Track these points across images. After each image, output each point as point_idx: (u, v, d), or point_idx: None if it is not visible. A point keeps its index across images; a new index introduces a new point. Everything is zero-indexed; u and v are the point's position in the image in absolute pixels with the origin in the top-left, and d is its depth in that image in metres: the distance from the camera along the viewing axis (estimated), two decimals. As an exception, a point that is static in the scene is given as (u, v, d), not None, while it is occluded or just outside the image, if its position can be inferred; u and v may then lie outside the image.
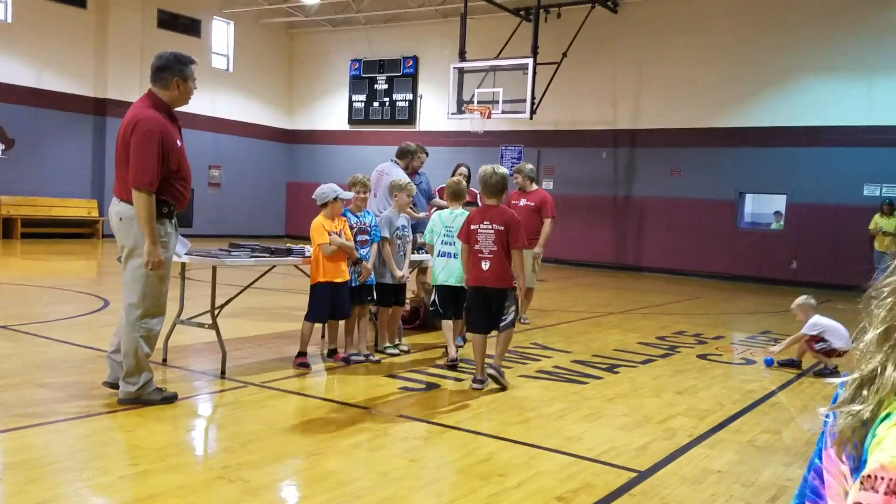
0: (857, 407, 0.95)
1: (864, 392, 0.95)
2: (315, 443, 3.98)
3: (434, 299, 6.13)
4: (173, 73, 4.45)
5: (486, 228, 5.41)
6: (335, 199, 5.63)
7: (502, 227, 5.39)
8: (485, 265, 5.39)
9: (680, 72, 17.67)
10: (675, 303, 12.02)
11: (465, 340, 6.63)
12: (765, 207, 18.16)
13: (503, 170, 5.59)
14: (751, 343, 8.36)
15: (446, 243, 6.03)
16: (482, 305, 5.42)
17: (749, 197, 17.67)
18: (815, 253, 16.11)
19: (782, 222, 17.09)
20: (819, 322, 6.51)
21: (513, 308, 5.50)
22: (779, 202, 17.19)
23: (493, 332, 5.53)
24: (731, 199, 17.23)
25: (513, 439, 4.19)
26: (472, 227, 5.48)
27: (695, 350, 7.49)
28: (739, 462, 4.03)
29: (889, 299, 0.97)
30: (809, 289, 15.43)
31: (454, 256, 5.92)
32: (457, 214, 6.05)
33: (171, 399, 4.54)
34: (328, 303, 5.65)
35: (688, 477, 3.74)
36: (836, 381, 1.06)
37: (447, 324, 6.11)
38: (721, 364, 6.89)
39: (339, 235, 5.64)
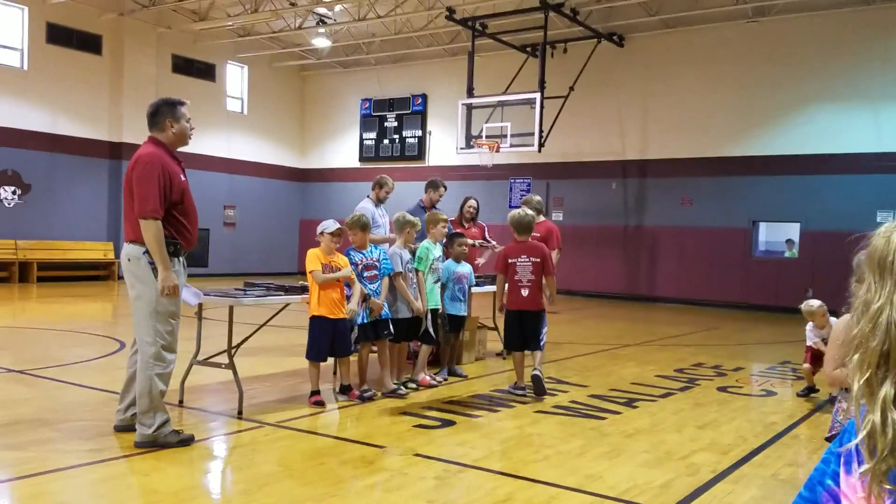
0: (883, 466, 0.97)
1: (880, 446, 0.97)
2: (331, 484, 3.94)
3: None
4: (164, 115, 4.67)
5: (525, 261, 6.37)
6: (320, 233, 5.70)
7: (538, 260, 6.38)
8: (524, 292, 6.34)
9: (687, 103, 17.77)
10: (690, 334, 11.91)
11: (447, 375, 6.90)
12: (779, 235, 18.08)
13: (531, 212, 6.75)
14: (770, 374, 8.25)
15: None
16: (518, 327, 6.34)
17: (763, 225, 17.61)
18: (831, 280, 15.93)
19: (795, 250, 16.99)
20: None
21: (545, 329, 6.44)
22: (792, 230, 17.11)
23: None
24: (745, 228, 17.17)
25: (531, 478, 4.13)
26: (511, 260, 6.41)
27: (714, 382, 7.40)
28: (763, 497, 3.95)
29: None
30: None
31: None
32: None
33: (187, 441, 4.53)
34: (327, 339, 5.63)
35: (712, 513, 3.67)
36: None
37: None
38: (741, 396, 6.80)
39: (333, 271, 5.64)
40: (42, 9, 17.80)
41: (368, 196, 8.08)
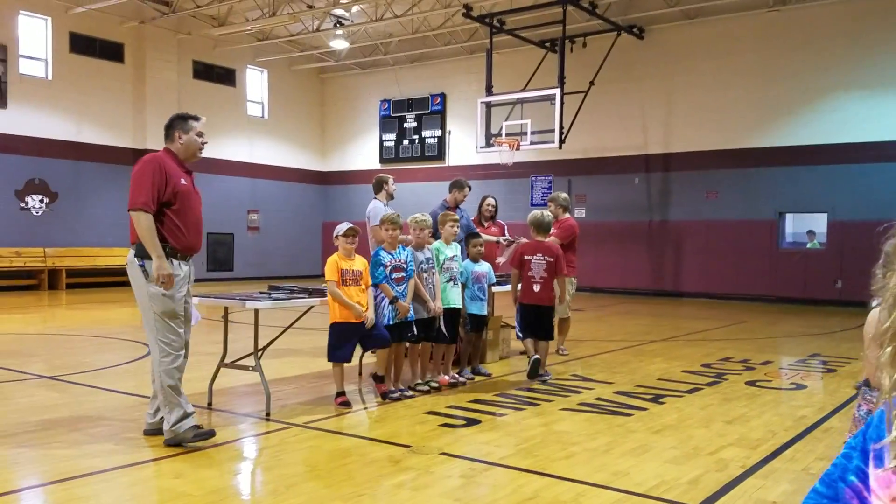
0: None
1: None
2: (359, 483, 3.96)
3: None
4: (174, 128, 4.89)
5: (539, 259, 6.88)
6: (335, 236, 5.69)
7: (552, 259, 6.89)
8: (536, 288, 6.86)
9: (710, 94, 17.59)
10: (718, 328, 11.79)
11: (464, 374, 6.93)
12: (806, 227, 17.84)
13: (550, 214, 7.32)
14: (800, 367, 8.15)
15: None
16: (535, 318, 6.86)
17: (790, 217, 17.38)
18: (861, 271, 15.68)
19: (816, 241, 16.77)
20: None
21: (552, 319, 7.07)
22: (818, 221, 16.87)
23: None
24: (771, 220, 16.97)
25: (558, 475, 4.11)
26: (526, 257, 6.91)
27: (743, 377, 7.32)
28: (795, 492, 3.90)
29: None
30: (856, 308, 15.09)
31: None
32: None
33: (206, 436, 4.62)
34: (347, 341, 5.62)
35: (742, 509, 3.63)
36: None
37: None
38: (771, 390, 6.72)
39: (354, 276, 5.64)
40: (65, 19, 18.07)
41: (375, 197, 8.01)
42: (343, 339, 5.63)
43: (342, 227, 5.76)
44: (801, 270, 16.57)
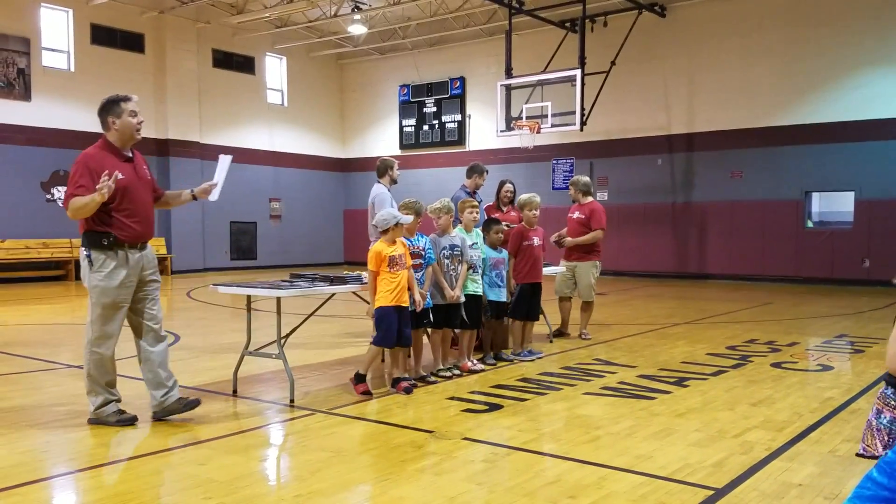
0: None
1: None
2: (382, 469, 3.99)
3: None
4: (107, 113, 4.78)
5: (538, 243, 7.39)
6: (396, 224, 5.66)
7: (542, 242, 7.47)
8: (536, 267, 7.36)
9: (733, 72, 17.33)
10: (743, 310, 11.68)
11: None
12: (833, 206, 17.58)
13: (538, 198, 7.50)
14: (827, 348, 8.05)
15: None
16: (531, 298, 7.31)
17: (815, 196, 17.12)
18: (889, 250, 15.48)
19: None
20: None
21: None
22: (844, 200, 16.60)
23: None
24: (797, 199, 16.73)
25: (581, 459, 4.11)
26: (526, 243, 7.26)
27: (768, 358, 7.25)
28: (821, 474, 3.86)
29: None
30: (884, 288, 14.86)
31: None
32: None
33: (128, 422, 4.79)
34: (395, 327, 5.61)
35: (767, 492, 3.60)
36: None
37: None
38: (797, 372, 6.65)
39: (400, 260, 5.65)
40: (86, 10, 18.21)
41: (379, 181, 7.89)
42: (392, 323, 5.59)
43: (403, 217, 5.72)
44: (828, 250, 16.35)
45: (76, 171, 4.61)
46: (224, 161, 5.24)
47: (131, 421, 4.81)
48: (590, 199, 8.83)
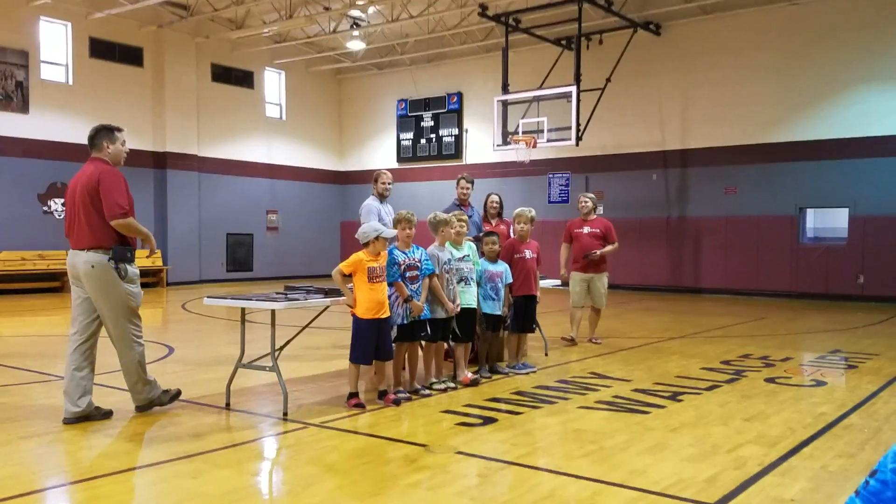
0: None
1: None
2: (375, 483, 3.98)
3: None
4: (102, 138, 5.41)
5: (530, 256, 7.39)
6: (376, 238, 5.66)
7: (535, 255, 7.44)
8: (528, 279, 7.38)
9: (728, 89, 17.45)
10: (738, 325, 11.70)
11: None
12: (827, 222, 17.64)
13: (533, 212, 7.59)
14: (821, 363, 8.07)
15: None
16: (524, 311, 7.33)
17: (810, 212, 17.19)
18: (883, 266, 15.54)
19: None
20: None
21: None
22: (838, 216, 16.67)
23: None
24: (792, 215, 16.80)
25: (575, 474, 4.11)
26: (517, 255, 7.30)
27: (762, 373, 7.26)
28: (813, 489, 3.87)
29: None
30: (879, 304, 14.90)
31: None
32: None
33: (176, 396, 5.61)
34: (372, 342, 5.62)
35: (759, 507, 3.61)
36: None
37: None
38: (790, 387, 6.66)
39: (381, 272, 5.66)
40: (84, 24, 18.29)
41: (372, 194, 7.96)
42: (369, 336, 5.60)
43: (386, 230, 5.75)
44: (822, 266, 16.40)
45: (122, 187, 5.20)
46: None
47: (176, 396, 5.64)
48: (594, 215, 9.60)
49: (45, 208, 17.82)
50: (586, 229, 9.43)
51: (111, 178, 5.17)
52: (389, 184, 7.93)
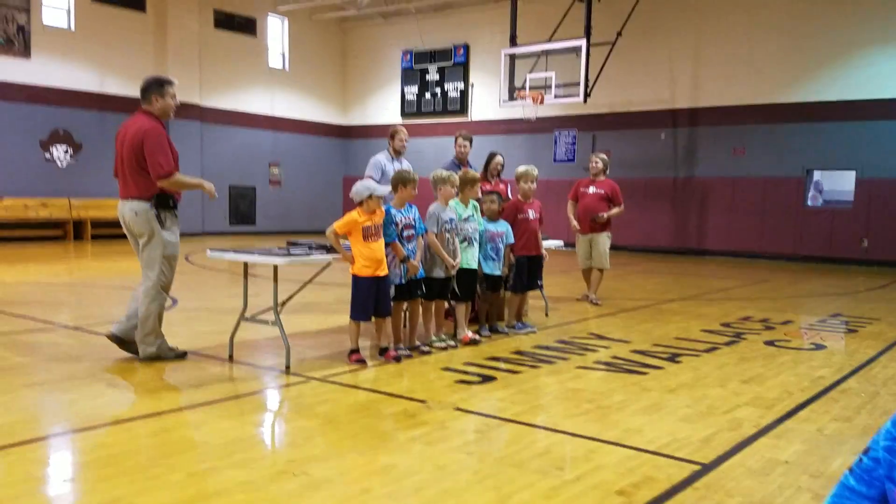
0: None
1: None
2: (374, 437, 4.04)
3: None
4: (151, 91, 5.54)
5: (533, 216, 7.34)
6: (369, 196, 5.62)
7: (538, 215, 7.40)
8: (533, 239, 7.36)
9: (740, 48, 17.17)
10: (739, 287, 11.72)
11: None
12: (835, 185, 17.54)
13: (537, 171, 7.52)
14: (821, 327, 8.09)
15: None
16: (528, 270, 7.29)
17: (817, 174, 17.07)
18: (888, 230, 15.49)
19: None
20: None
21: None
22: (845, 178, 16.56)
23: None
24: (798, 177, 16.68)
25: (571, 432, 4.16)
26: (521, 216, 7.24)
27: (762, 336, 7.29)
28: (807, 452, 3.91)
29: None
30: (882, 267, 14.90)
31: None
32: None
33: (181, 356, 5.65)
34: (371, 299, 5.63)
35: (754, 469, 3.65)
36: None
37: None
38: (789, 350, 6.70)
39: (377, 231, 5.64)
40: (86, -32, 17.97)
41: (386, 149, 7.85)
42: (368, 293, 5.61)
43: (380, 188, 5.70)
44: (826, 229, 16.35)
45: (163, 144, 5.36)
46: None
47: (183, 355, 5.69)
48: (603, 177, 9.57)
49: (48, 155, 17.75)
50: (592, 189, 9.47)
51: (154, 138, 5.34)
52: (406, 140, 7.82)
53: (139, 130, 5.39)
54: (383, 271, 5.67)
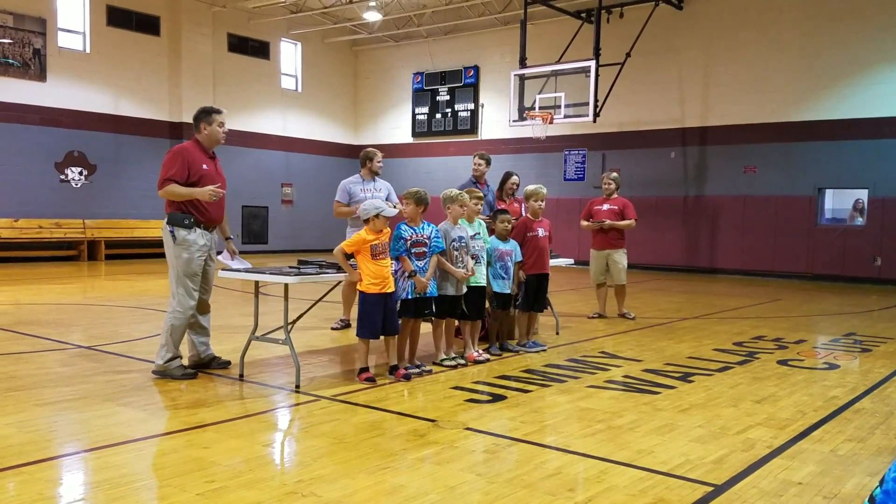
0: None
1: None
2: (384, 456, 4.02)
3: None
4: (199, 120, 5.83)
5: (543, 234, 7.36)
6: (375, 215, 5.65)
7: (548, 233, 7.42)
8: (542, 257, 7.35)
9: (750, 66, 17.19)
10: (752, 306, 11.64)
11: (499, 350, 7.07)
12: (846, 203, 17.43)
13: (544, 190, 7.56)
14: (834, 346, 8.02)
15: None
16: (537, 289, 7.29)
17: (829, 192, 16.99)
18: (902, 249, 15.37)
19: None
20: None
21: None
22: (857, 197, 16.45)
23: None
24: (810, 196, 16.61)
25: (582, 452, 4.13)
26: (530, 234, 7.25)
27: (774, 356, 7.23)
28: (821, 473, 3.87)
29: None
30: (895, 287, 14.75)
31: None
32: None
33: (191, 376, 5.68)
34: (379, 316, 5.64)
35: (767, 490, 3.61)
36: None
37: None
38: (803, 370, 6.64)
39: (384, 249, 5.67)
40: (102, -7, 18.26)
41: (359, 173, 8.31)
42: (376, 311, 5.63)
43: (388, 209, 5.71)
44: (839, 248, 16.24)
45: (171, 159, 5.62)
46: (235, 263, 6.10)
47: (194, 375, 5.72)
48: (616, 195, 9.81)
49: (62, 177, 17.94)
50: (605, 206, 9.72)
51: (167, 155, 5.69)
52: (381, 162, 8.26)
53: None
54: (390, 288, 5.69)
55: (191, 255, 5.65)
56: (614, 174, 10.06)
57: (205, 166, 5.71)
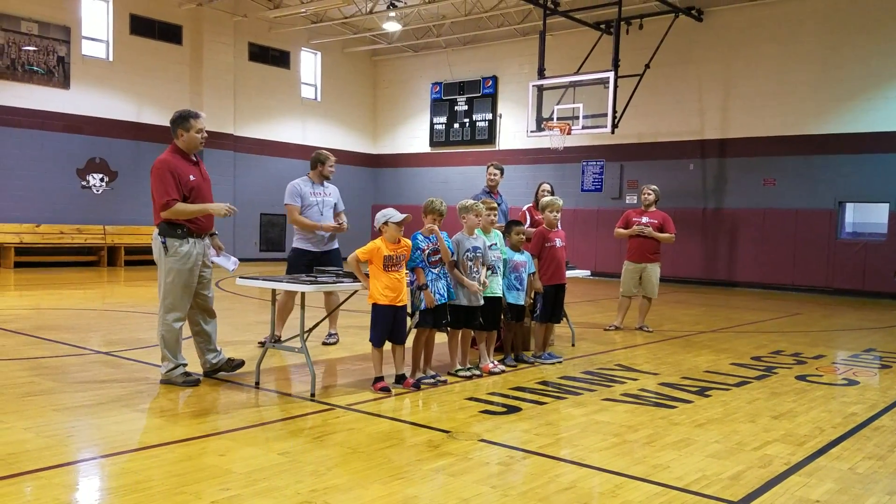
0: None
1: None
2: (398, 467, 4.02)
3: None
4: (177, 126, 5.72)
5: (560, 245, 7.36)
6: (385, 223, 5.68)
7: (564, 244, 7.43)
8: (559, 269, 7.35)
9: (770, 79, 17.09)
10: (771, 320, 11.53)
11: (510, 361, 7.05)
12: (867, 217, 17.24)
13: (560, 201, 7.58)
14: (854, 362, 7.92)
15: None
16: (554, 300, 7.27)
17: (850, 206, 16.82)
18: (925, 264, 15.17)
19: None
20: None
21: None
22: (878, 211, 16.27)
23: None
24: (830, 209, 16.45)
25: (597, 466, 4.10)
26: (548, 244, 7.23)
27: (793, 371, 7.16)
28: (839, 491, 3.81)
29: None
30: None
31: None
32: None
33: (194, 383, 5.65)
34: (388, 326, 5.67)
35: (784, 508, 3.57)
36: None
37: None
38: (822, 385, 6.56)
39: (398, 261, 5.68)
40: (125, 1, 18.53)
41: (307, 175, 8.15)
42: (386, 321, 5.66)
43: (397, 215, 5.73)
44: (860, 262, 16.06)
45: (163, 178, 5.51)
46: (221, 259, 6.06)
47: (196, 382, 5.69)
48: (654, 207, 9.78)
49: (84, 183, 18.15)
50: (644, 219, 9.67)
51: (155, 173, 5.58)
52: (332, 167, 8.35)
53: (153, 165, 5.69)
54: (402, 301, 5.70)
55: (183, 267, 5.59)
56: (654, 186, 10.01)
57: (192, 177, 5.64)
